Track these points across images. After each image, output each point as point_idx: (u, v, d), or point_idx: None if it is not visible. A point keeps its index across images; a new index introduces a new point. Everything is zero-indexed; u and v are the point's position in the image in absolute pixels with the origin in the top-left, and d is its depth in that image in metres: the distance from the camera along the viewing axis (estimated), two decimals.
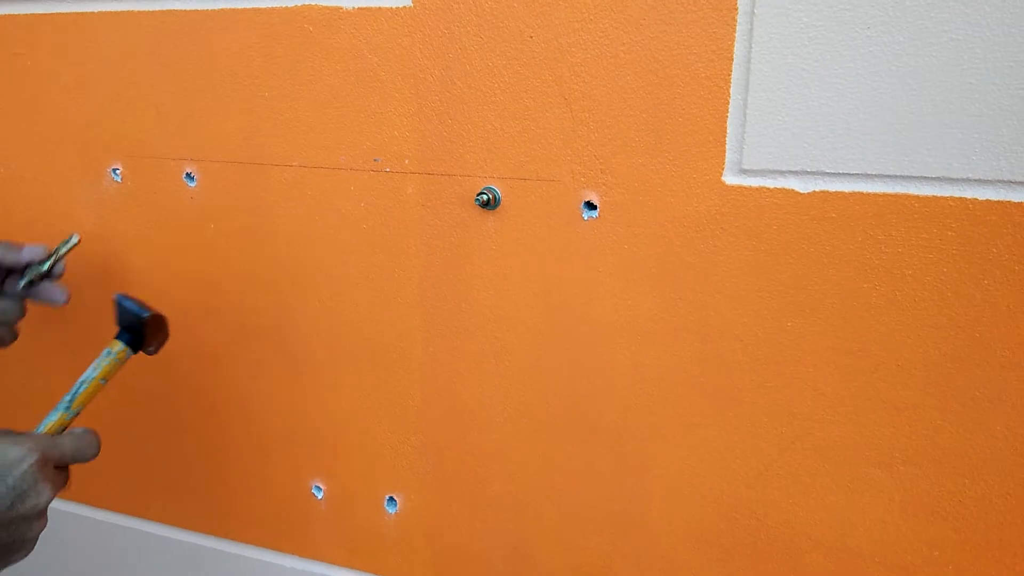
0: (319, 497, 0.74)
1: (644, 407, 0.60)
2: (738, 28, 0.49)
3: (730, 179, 0.53)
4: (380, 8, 0.58)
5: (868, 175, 0.49)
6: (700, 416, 0.59)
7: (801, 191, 0.51)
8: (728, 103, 0.51)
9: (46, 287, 0.64)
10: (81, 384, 0.58)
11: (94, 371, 0.59)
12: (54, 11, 0.68)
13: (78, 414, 0.58)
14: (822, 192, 0.51)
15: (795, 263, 0.53)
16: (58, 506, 0.87)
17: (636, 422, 0.61)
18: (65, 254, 0.64)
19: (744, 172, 0.52)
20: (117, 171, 0.70)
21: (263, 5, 0.61)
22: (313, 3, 0.59)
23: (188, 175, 0.68)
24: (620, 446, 0.62)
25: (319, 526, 0.75)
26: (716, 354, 0.57)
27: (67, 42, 0.69)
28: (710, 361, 0.57)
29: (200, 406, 0.76)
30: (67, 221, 0.74)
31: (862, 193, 0.50)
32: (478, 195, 0.59)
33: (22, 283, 0.63)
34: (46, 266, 0.63)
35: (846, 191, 0.50)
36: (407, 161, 0.61)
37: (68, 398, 0.57)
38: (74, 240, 0.64)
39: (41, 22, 0.69)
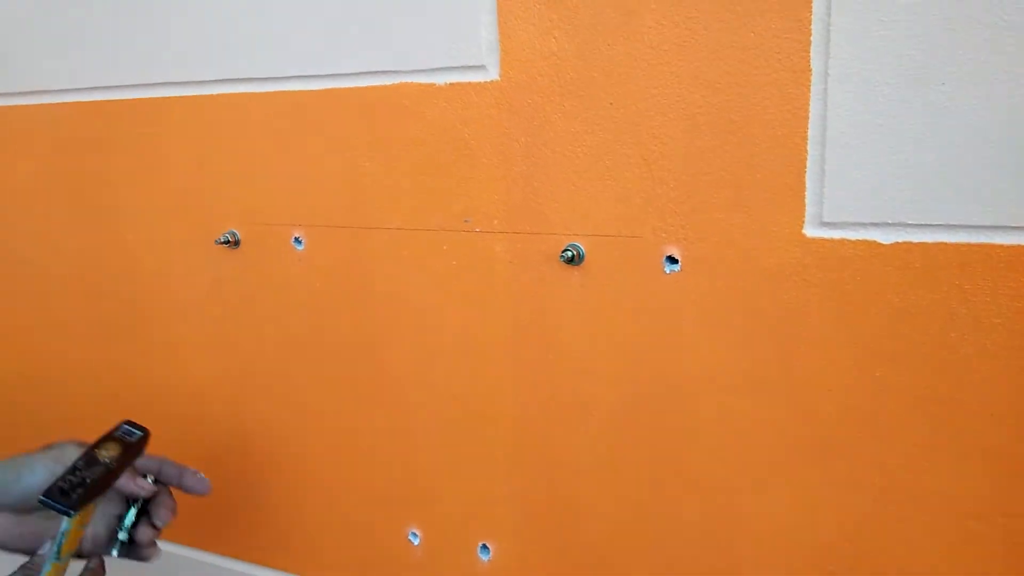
0: (415, 544, 0.77)
1: (732, 458, 0.61)
2: (812, 89, 0.51)
3: (811, 232, 0.54)
4: (470, 83, 0.62)
5: (951, 226, 0.49)
6: (790, 467, 0.59)
7: (883, 242, 0.52)
8: (806, 159, 0.53)
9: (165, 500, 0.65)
10: (62, 535, 0.57)
11: (68, 525, 0.58)
12: (177, 95, 0.76)
13: (67, 561, 0.58)
14: (905, 243, 0.51)
15: (880, 313, 0.53)
16: (166, 548, 0.93)
17: (724, 474, 0.61)
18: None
19: (825, 225, 0.53)
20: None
21: (364, 84, 0.66)
22: (409, 81, 0.64)
23: (296, 239, 0.74)
24: (709, 498, 0.63)
25: (416, 571, 0.78)
26: (804, 405, 0.57)
27: (188, 122, 0.76)
28: (798, 412, 0.58)
29: (302, 455, 0.81)
30: (186, 285, 0.81)
31: (945, 243, 0.50)
32: (563, 252, 0.62)
33: (115, 550, 0.63)
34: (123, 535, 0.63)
35: (929, 242, 0.50)
36: (496, 221, 0.65)
37: (55, 549, 0.57)
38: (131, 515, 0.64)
39: (165, 104, 0.77)
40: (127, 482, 0.63)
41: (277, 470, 0.83)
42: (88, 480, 0.58)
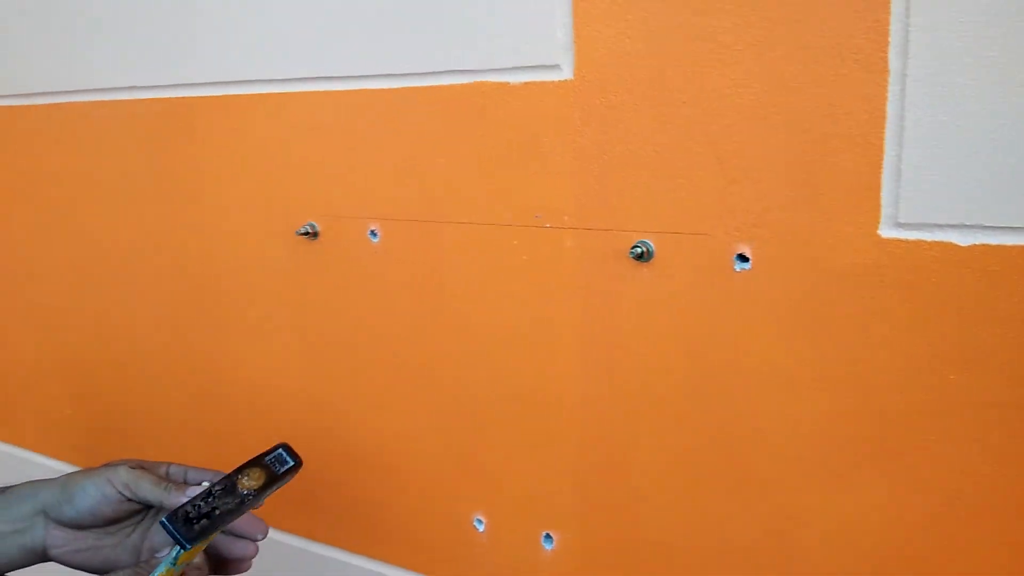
0: (480, 530, 0.79)
1: (797, 458, 0.61)
2: (890, 89, 0.51)
3: (886, 233, 0.54)
4: (544, 82, 0.64)
5: None
6: (856, 468, 0.59)
7: (961, 244, 0.51)
8: (882, 159, 0.53)
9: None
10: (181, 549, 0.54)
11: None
12: (260, 92, 0.80)
13: (182, 568, 0.55)
14: (983, 246, 0.51)
15: (956, 316, 0.53)
16: None
17: (788, 473, 0.62)
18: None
19: (900, 226, 0.53)
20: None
21: (440, 83, 0.68)
22: (484, 80, 0.66)
23: (372, 232, 0.76)
24: (771, 496, 0.63)
25: (480, 557, 0.80)
26: (874, 406, 0.57)
27: (271, 118, 0.80)
28: (868, 413, 0.57)
29: (371, 440, 0.84)
30: (265, 274, 0.85)
31: None
32: (632, 248, 0.63)
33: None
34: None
35: (1008, 244, 0.50)
36: (566, 217, 0.66)
37: (173, 555, 0.54)
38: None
39: (250, 101, 0.81)
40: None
41: (347, 455, 0.86)
42: (218, 511, 0.55)
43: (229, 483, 0.58)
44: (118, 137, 0.93)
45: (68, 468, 1.15)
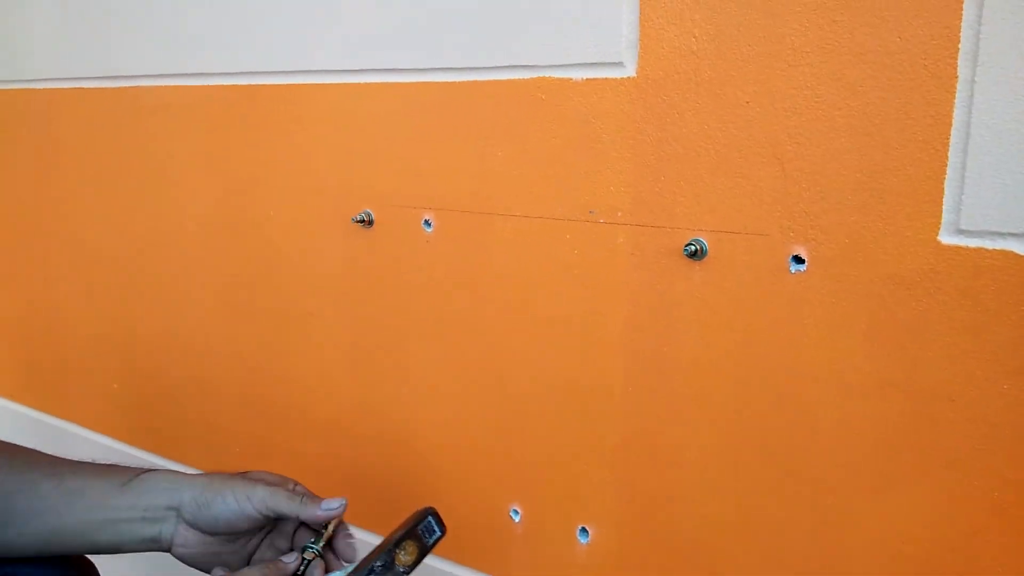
0: (516, 520, 0.80)
1: (846, 461, 0.61)
2: (958, 95, 0.51)
3: (946, 239, 0.54)
4: (607, 79, 0.65)
5: None
6: (906, 474, 0.59)
7: (1022, 253, 0.51)
8: (946, 165, 0.53)
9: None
10: None
11: None
12: (325, 81, 0.82)
13: None
14: None
15: (1013, 325, 0.53)
16: None
17: (837, 476, 0.62)
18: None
19: (961, 233, 0.53)
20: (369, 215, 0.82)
21: (503, 78, 0.70)
22: (546, 76, 0.68)
23: (426, 222, 0.78)
24: (818, 499, 0.63)
25: (515, 548, 0.81)
26: (925, 412, 0.57)
27: (334, 108, 0.82)
28: (919, 419, 0.57)
29: (414, 426, 0.85)
30: (321, 259, 0.87)
31: None
32: (686, 246, 0.63)
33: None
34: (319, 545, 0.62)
35: None
36: (620, 213, 0.67)
37: None
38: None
39: (313, 91, 0.83)
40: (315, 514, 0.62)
41: (389, 439, 0.87)
42: None
43: (388, 559, 0.60)
44: (182, 123, 0.96)
45: (113, 443, 1.18)
